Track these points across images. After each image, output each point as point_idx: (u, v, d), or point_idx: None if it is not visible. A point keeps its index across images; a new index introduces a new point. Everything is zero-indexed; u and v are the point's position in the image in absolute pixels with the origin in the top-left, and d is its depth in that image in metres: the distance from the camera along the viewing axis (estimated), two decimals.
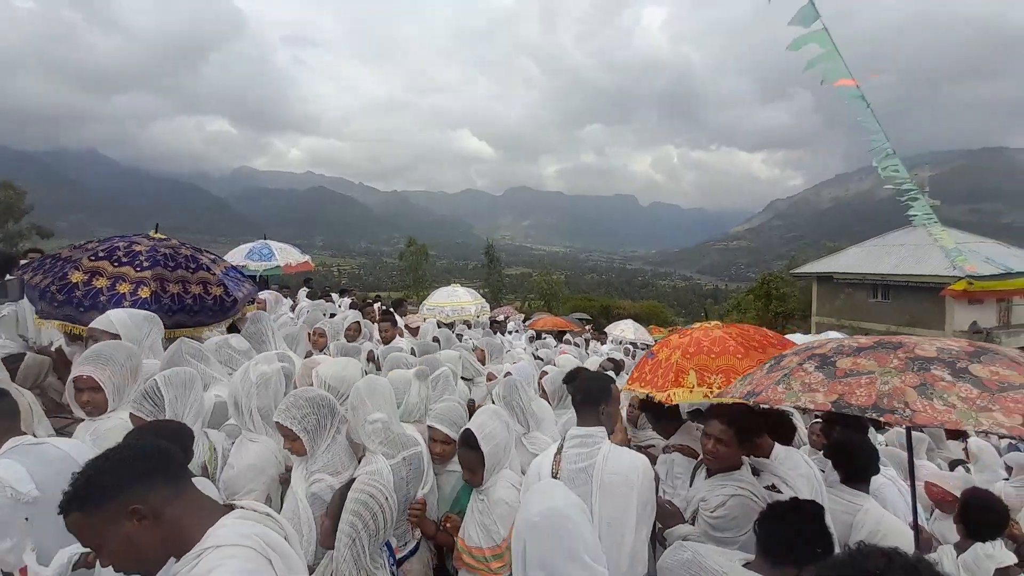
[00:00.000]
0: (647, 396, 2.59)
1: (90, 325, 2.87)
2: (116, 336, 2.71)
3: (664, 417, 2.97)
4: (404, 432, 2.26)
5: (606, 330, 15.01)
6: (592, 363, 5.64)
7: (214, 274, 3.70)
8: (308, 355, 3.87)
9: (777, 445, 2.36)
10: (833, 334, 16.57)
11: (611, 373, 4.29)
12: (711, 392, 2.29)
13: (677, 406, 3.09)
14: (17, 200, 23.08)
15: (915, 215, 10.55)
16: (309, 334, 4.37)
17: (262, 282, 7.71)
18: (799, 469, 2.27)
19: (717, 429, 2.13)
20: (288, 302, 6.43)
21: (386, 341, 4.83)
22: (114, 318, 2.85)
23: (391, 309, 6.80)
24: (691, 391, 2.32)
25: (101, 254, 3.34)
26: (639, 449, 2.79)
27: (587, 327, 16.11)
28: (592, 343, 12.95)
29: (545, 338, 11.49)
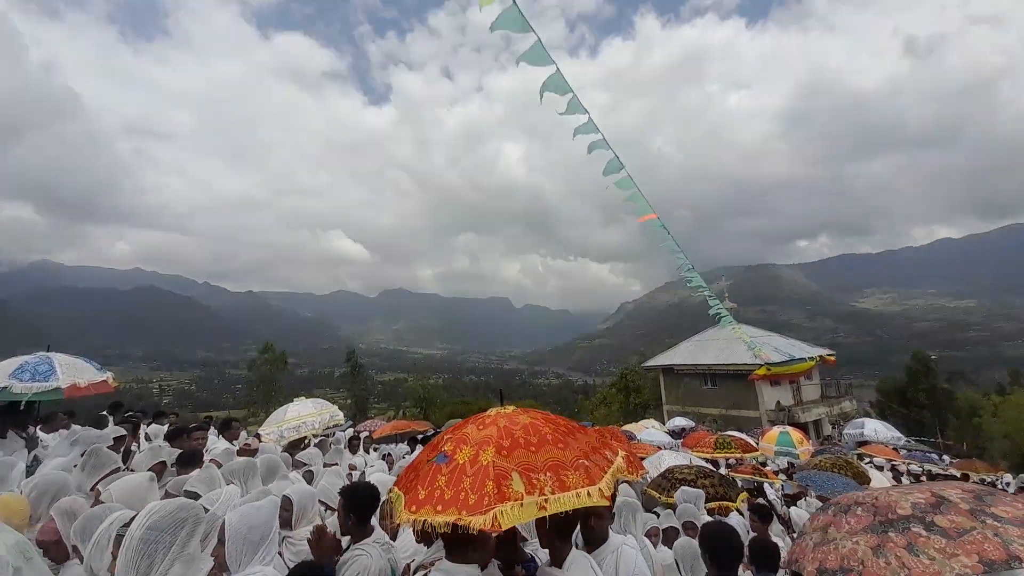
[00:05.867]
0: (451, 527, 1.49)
1: None
2: None
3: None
4: None
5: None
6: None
7: None
8: None
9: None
10: (680, 420, 18.78)
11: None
12: (546, 501, 1.54)
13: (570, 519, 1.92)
14: None
15: (721, 315, 13.98)
16: None
17: (25, 409, 4.43)
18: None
19: None
20: (60, 433, 4.83)
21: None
22: None
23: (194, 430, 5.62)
24: (522, 505, 1.52)
25: None
26: None
27: None
28: None
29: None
